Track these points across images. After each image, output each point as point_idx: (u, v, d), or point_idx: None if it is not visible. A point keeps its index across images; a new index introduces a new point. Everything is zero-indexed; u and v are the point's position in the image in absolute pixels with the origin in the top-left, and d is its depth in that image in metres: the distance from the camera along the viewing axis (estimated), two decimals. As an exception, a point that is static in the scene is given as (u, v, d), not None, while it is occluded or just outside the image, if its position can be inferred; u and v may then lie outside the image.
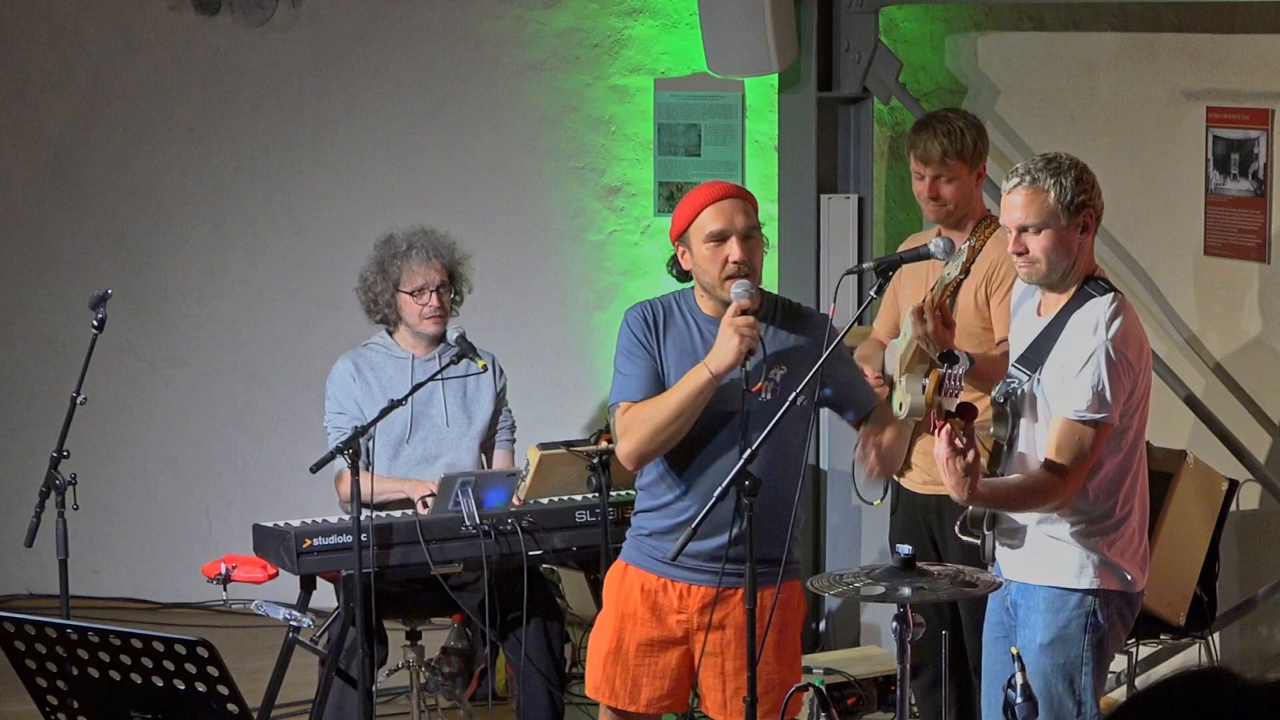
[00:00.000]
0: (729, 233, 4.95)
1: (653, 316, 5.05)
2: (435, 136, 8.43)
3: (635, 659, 5.09)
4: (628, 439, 4.96)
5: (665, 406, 4.93)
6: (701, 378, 4.89)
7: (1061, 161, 4.80)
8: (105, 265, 8.51)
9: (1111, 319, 4.72)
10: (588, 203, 8.34)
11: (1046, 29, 7.51)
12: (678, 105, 8.22)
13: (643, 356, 5.01)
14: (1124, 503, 4.82)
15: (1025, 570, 4.87)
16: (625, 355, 5.05)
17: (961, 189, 5.93)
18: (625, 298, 8.25)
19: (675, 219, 5.06)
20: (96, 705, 4.24)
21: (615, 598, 5.14)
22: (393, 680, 6.50)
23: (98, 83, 8.66)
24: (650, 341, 5.02)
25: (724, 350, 4.86)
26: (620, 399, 5.01)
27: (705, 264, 4.96)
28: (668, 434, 4.93)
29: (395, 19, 8.45)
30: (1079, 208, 4.76)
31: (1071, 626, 4.79)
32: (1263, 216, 6.73)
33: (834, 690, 6.56)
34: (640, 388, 4.99)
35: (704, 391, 4.89)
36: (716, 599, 5.01)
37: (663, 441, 4.94)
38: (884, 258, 5.38)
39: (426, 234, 6.51)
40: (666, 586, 5.07)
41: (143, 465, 8.74)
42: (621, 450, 5.00)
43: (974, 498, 4.63)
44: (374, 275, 6.46)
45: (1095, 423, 4.67)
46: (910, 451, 6.01)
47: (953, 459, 4.52)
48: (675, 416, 4.91)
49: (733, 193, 5.03)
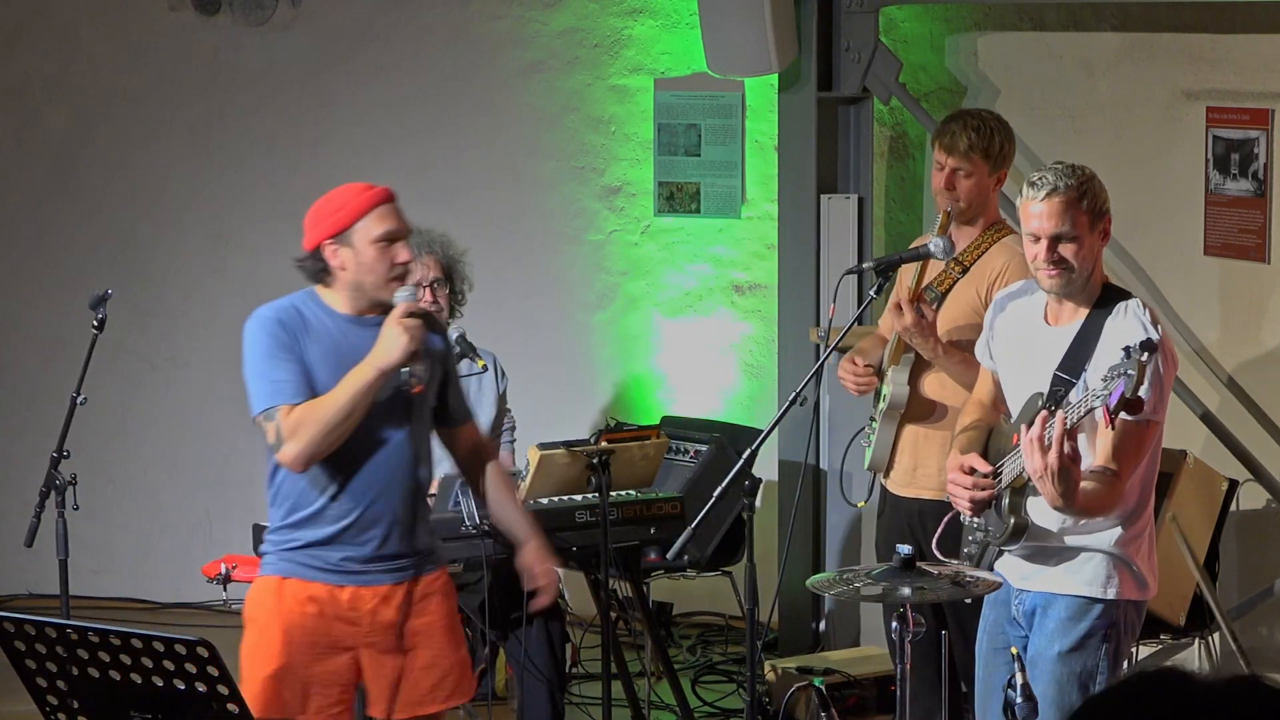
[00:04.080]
0: (399, 235, 4.98)
1: (288, 318, 4.99)
2: (435, 136, 8.43)
3: (304, 671, 4.99)
4: (297, 441, 4.87)
5: (335, 405, 4.87)
6: (367, 375, 4.87)
7: (1083, 170, 4.79)
8: (105, 265, 8.51)
9: (1154, 321, 4.73)
10: (588, 203, 8.34)
11: (1046, 29, 7.51)
12: (678, 105, 8.22)
13: (289, 360, 4.94)
14: (1149, 506, 4.83)
15: (1047, 580, 4.83)
16: (269, 359, 4.94)
17: (978, 188, 5.88)
18: (625, 298, 8.25)
19: (329, 219, 4.99)
20: (96, 705, 4.24)
21: (276, 613, 5.02)
22: (393, 680, 6.49)
23: (98, 83, 8.66)
24: (294, 345, 4.96)
25: (391, 348, 4.86)
26: (277, 402, 4.91)
27: (372, 264, 4.94)
28: (339, 433, 4.88)
29: (395, 19, 8.45)
30: (1101, 214, 4.77)
31: (1092, 636, 4.78)
32: (1263, 216, 6.73)
33: (834, 690, 6.56)
34: (298, 389, 4.91)
35: (371, 388, 4.88)
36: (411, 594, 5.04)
37: (332, 442, 4.89)
38: (884, 258, 5.39)
39: (419, 231, 6.50)
40: (334, 593, 5.01)
41: (143, 465, 8.74)
42: (290, 453, 4.89)
43: (1074, 506, 4.56)
44: None
45: (1150, 422, 4.66)
46: (893, 452, 5.97)
47: (1063, 469, 4.44)
48: (346, 415, 4.87)
49: (394, 196, 5.05)
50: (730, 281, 8.23)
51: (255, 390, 4.97)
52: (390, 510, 5.00)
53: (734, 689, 7.45)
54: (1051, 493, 4.48)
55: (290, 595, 5.01)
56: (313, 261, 5.03)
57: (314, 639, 5.00)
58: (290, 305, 5.03)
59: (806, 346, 7.63)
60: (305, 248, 5.04)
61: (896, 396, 5.76)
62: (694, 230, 8.26)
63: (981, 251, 5.85)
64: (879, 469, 5.98)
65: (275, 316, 4.99)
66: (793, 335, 7.78)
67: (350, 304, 5.02)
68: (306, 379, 4.93)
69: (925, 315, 5.53)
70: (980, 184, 5.87)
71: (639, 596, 6.60)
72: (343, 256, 4.97)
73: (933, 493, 5.79)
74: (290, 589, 5.02)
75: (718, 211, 8.20)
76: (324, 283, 5.03)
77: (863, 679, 6.67)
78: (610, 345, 8.33)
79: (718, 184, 8.21)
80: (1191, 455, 6.38)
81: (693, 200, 8.25)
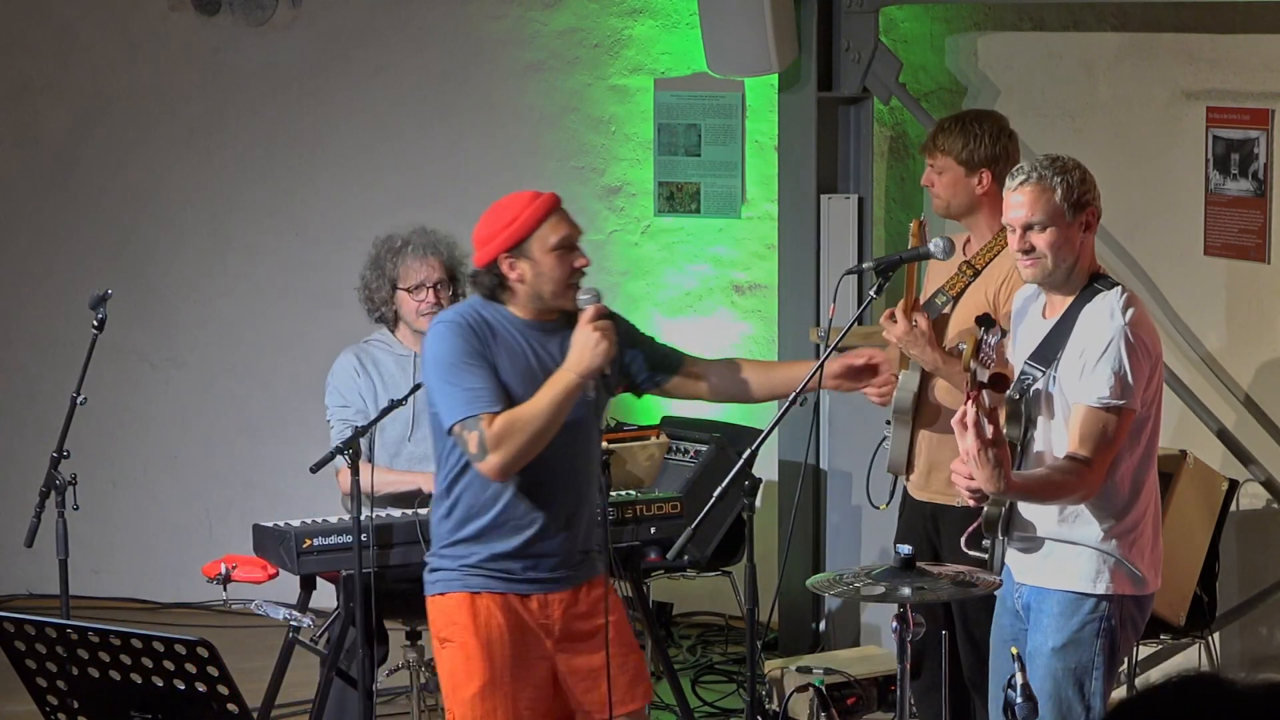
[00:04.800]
0: (574, 240, 4.96)
1: (478, 326, 4.94)
2: (435, 136, 8.43)
3: (512, 685, 4.99)
4: (504, 450, 4.81)
5: (539, 413, 4.84)
6: (569, 381, 4.86)
7: (1065, 161, 4.83)
8: (106, 265, 8.51)
9: (1125, 306, 4.73)
10: (588, 203, 8.33)
11: (1046, 29, 7.51)
12: (678, 105, 8.22)
13: (483, 368, 4.88)
14: (1141, 501, 4.82)
15: (1039, 574, 4.84)
16: (463, 367, 4.87)
17: (953, 185, 5.88)
18: (625, 298, 8.25)
19: (503, 232, 4.92)
20: (96, 705, 4.24)
21: (473, 629, 4.99)
22: (393, 680, 6.50)
23: (98, 83, 8.66)
24: (485, 351, 4.91)
25: (590, 353, 4.84)
26: (477, 411, 4.83)
27: (551, 272, 4.91)
28: (542, 443, 4.85)
29: (395, 19, 8.45)
30: (1082, 205, 4.77)
31: (1085, 631, 4.78)
32: (1263, 216, 6.73)
33: (834, 690, 6.56)
34: (496, 397, 4.85)
35: (573, 394, 4.86)
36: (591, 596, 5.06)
37: (535, 451, 4.86)
38: (884, 258, 5.39)
39: (425, 232, 6.51)
40: (526, 603, 5.01)
41: (143, 465, 8.74)
42: (494, 463, 4.82)
43: (1009, 488, 4.56)
44: (371, 273, 6.46)
45: (1118, 409, 4.65)
46: (911, 454, 5.98)
47: (983, 449, 4.46)
48: (551, 423, 4.84)
49: (561, 202, 5.01)
50: (730, 281, 8.23)
51: (450, 398, 4.87)
52: (570, 515, 4.98)
53: (734, 689, 7.45)
54: (980, 475, 4.50)
55: (484, 610, 4.98)
56: (489, 276, 4.96)
57: (514, 651, 4.98)
58: (474, 311, 4.97)
59: (806, 346, 7.63)
60: (478, 264, 4.98)
61: (900, 401, 5.75)
62: (694, 230, 8.26)
63: (994, 254, 5.85)
64: (898, 471, 5.98)
65: (464, 323, 4.93)
66: (793, 335, 7.78)
67: (531, 313, 4.99)
68: (501, 387, 4.88)
69: (918, 325, 5.52)
70: (955, 181, 5.86)
71: (639, 596, 6.59)
72: (521, 269, 4.93)
73: (945, 496, 5.79)
74: (483, 604, 4.98)
75: (718, 211, 8.20)
76: (499, 298, 4.97)
77: (863, 679, 6.67)
78: (610, 345, 8.33)
79: (718, 184, 8.21)
80: (1191, 455, 6.37)
81: (693, 200, 8.25)
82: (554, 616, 5.03)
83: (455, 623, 5.00)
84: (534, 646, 5.02)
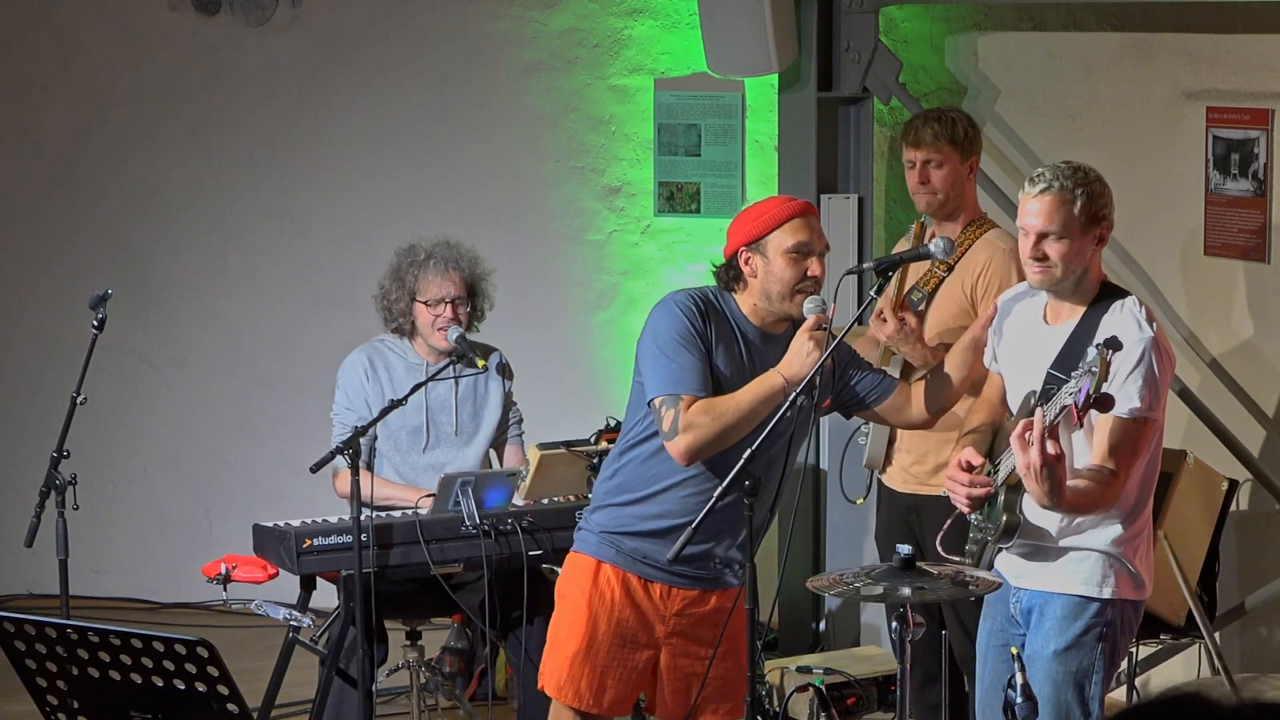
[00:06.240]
0: (813, 249, 4.98)
1: (705, 310, 4.98)
2: (435, 136, 8.43)
3: (605, 659, 5.06)
4: (694, 434, 4.86)
5: (737, 408, 4.88)
6: (775, 384, 4.89)
7: (1087, 172, 4.79)
8: (106, 265, 8.51)
9: (1149, 318, 4.73)
10: (588, 203, 8.34)
11: (1046, 29, 7.51)
12: (678, 105, 8.22)
13: (698, 349, 4.92)
14: (1147, 506, 4.83)
15: (1042, 578, 4.83)
16: (681, 344, 4.91)
17: (952, 176, 5.92)
18: (625, 298, 8.25)
19: (747, 227, 5.01)
20: (96, 705, 4.24)
21: (589, 595, 5.07)
22: (393, 680, 6.50)
23: (98, 84, 8.66)
24: (706, 335, 4.95)
25: (802, 361, 4.86)
26: (681, 390, 4.88)
27: (781, 274, 4.95)
28: (734, 437, 4.88)
29: (395, 19, 8.45)
30: (1098, 220, 4.76)
31: (1088, 635, 4.78)
32: (1262, 216, 6.73)
33: (834, 690, 6.56)
34: (703, 381, 4.90)
35: (775, 399, 4.88)
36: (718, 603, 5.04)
37: (724, 444, 4.90)
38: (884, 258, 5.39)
39: (449, 245, 6.49)
40: (648, 588, 5.05)
41: (143, 465, 8.74)
42: (682, 445, 4.87)
43: (1061, 504, 4.54)
44: (391, 283, 6.45)
45: (1148, 420, 4.67)
46: (890, 449, 6.00)
47: (1044, 466, 4.42)
48: (746, 421, 4.88)
49: (814, 210, 5.08)
50: (730, 281, 8.23)
51: (659, 371, 4.92)
52: (722, 528, 4.98)
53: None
54: (1037, 490, 4.49)
55: (605, 581, 5.05)
56: (728, 268, 5.03)
57: (618, 629, 5.04)
58: (706, 297, 5.02)
59: (806, 346, 7.62)
60: (725, 254, 5.05)
61: None
62: (694, 230, 8.26)
63: (965, 249, 5.86)
64: (875, 466, 6.01)
65: (693, 304, 4.98)
66: (793, 335, 7.77)
67: (758, 314, 5.02)
68: (709, 373, 4.92)
69: (908, 322, 5.53)
70: (954, 172, 5.90)
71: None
72: (755, 264, 4.98)
73: (928, 488, 5.80)
74: (605, 575, 5.05)
75: (718, 211, 8.20)
76: (734, 290, 5.03)
77: (863, 679, 6.67)
78: (610, 345, 8.33)
79: (718, 184, 8.21)
80: (1191, 455, 6.37)
81: (693, 200, 8.25)
82: (672, 609, 5.06)
83: (575, 583, 5.09)
84: (642, 632, 5.06)
